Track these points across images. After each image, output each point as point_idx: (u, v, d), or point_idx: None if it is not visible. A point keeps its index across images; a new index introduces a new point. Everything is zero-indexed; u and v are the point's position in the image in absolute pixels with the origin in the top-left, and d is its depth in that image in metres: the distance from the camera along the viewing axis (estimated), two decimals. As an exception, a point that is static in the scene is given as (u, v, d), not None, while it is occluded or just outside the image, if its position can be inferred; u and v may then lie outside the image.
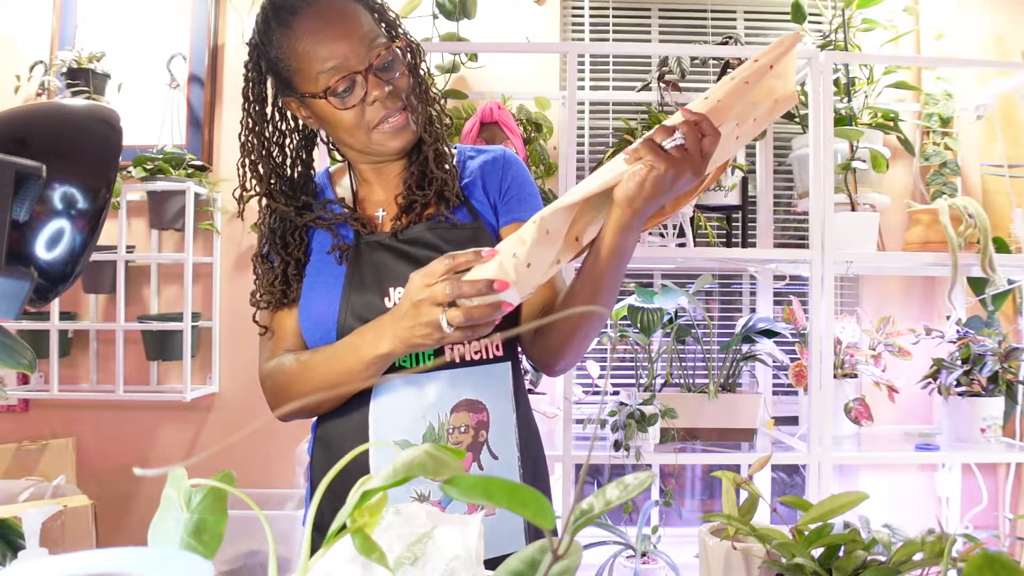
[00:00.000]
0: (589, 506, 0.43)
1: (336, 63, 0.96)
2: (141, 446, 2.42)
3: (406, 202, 1.05)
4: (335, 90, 0.97)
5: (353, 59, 0.96)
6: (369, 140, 1.01)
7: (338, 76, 0.96)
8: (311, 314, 1.04)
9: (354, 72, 0.96)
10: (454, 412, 1.00)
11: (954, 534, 0.65)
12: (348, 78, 0.96)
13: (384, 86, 0.97)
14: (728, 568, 0.76)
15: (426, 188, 1.05)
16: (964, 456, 2.13)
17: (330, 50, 0.96)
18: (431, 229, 1.04)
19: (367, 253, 1.04)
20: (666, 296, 2.04)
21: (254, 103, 1.06)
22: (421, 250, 1.03)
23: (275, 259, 1.06)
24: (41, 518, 1.05)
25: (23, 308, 0.59)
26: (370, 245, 1.04)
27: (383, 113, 0.99)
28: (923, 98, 2.45)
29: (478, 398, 1.01)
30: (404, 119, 1.01)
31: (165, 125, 2.39)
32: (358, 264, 1.03)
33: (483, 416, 1.01)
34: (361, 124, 0.99)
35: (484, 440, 1.01)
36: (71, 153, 0.62)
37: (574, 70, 2.02)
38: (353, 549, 0.50)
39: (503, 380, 1.04)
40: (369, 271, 1.03)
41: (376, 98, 0.97)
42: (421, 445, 0.49)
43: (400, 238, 1.04)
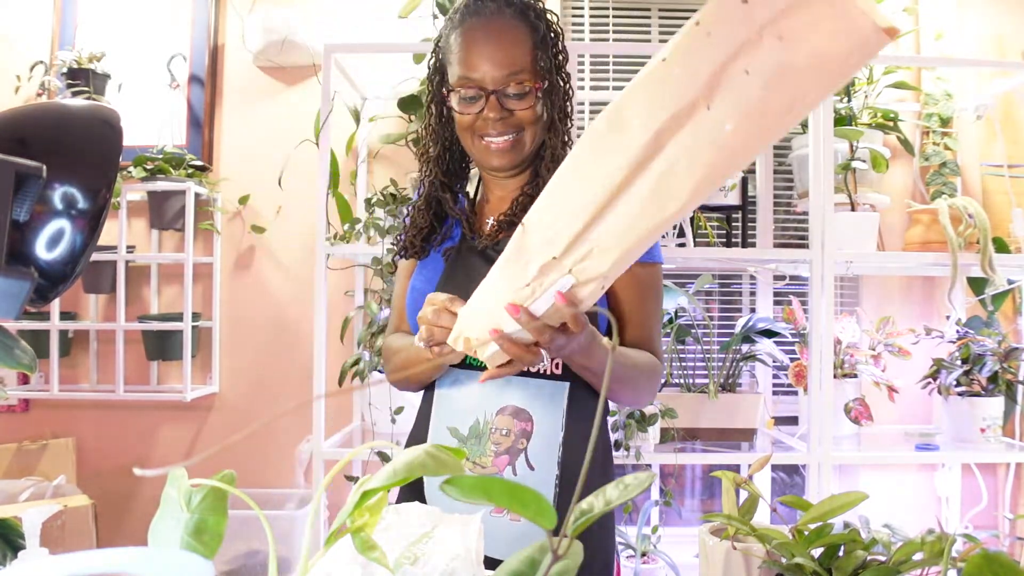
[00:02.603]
0: (589, 506, 0.43)
1: (474, 75, 1.06)
2: (141, 446, 2.42)
3: (507, 219, 1.12)
4: (462, 94, 1.07)
5: (488, 79, 1.06)
6: (473, 145, 1.11)
7: (468, 84, 1.06)
8: (411, 299, 1.16)
9: (481, 88, 1.06)
10: (499, 415, 1.06)
11: (954, 534, 0.65)
12: (475, 90, 1.06)
13: (502, 111, 1.06)
14: (728, 568, 0.76)
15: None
16: (964, 456, 2.13)
17: (475, 62, 1.06)
18: None
19: (466, 255, 1.13)
20: (666, 296, 2.04)
21: (434, 75, 1.15)
22: None
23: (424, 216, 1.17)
24: (41, 518, 1.05)
25: (23, 308, 0.59)
26: (469, 249, 1.13)
27: (489, 130, 1.07)
28: (923, 98, 2.45)
29: (526, 408, 1.06)
30: (509, 144, 1.08)
31: (165, 125, 2.39)
32: (456, 263, 1.13)
33: (527, 426, 1.05)
34: (470, 128, 1.09)
35: (523, 448, 1.05)
36: (71, 153, 0.62)
37: (574, 70, 2.02)
38: (353, 549, 0.50)
39: (556, 398, 1.07)
40: (462, 272, 1.11)
41: (489, 118, 1.07)
42: (423, 446, 0.49)
43: (495, 248, 1.10)
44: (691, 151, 0.64)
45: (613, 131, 0.68)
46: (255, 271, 2.44)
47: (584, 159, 0.70)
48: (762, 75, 0.60)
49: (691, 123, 0.64)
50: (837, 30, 0.56)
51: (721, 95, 0.62)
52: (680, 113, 0.64)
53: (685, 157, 0.65)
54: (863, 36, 0.55)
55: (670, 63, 0.63)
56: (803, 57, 0.58)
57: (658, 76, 0.64)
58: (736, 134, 0.62)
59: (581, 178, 0.70)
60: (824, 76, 0.59)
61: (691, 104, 0.63)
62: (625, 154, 0.67)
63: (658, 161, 0.66)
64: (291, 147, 2.25)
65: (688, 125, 0.64)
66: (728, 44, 0.60)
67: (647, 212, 0.68)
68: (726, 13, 0.60)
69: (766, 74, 0.60)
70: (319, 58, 2.19)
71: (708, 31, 0.61)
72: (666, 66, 0.64)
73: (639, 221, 0.69)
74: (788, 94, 0.60)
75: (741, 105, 0.61)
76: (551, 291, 0.76)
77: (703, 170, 0.65)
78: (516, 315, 0.78)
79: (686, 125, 0.64)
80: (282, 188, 2.27)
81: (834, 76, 0.59)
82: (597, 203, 0.69)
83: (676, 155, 0.65)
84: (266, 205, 2.44)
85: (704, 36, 0.61)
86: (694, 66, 0.62)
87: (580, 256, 0.73)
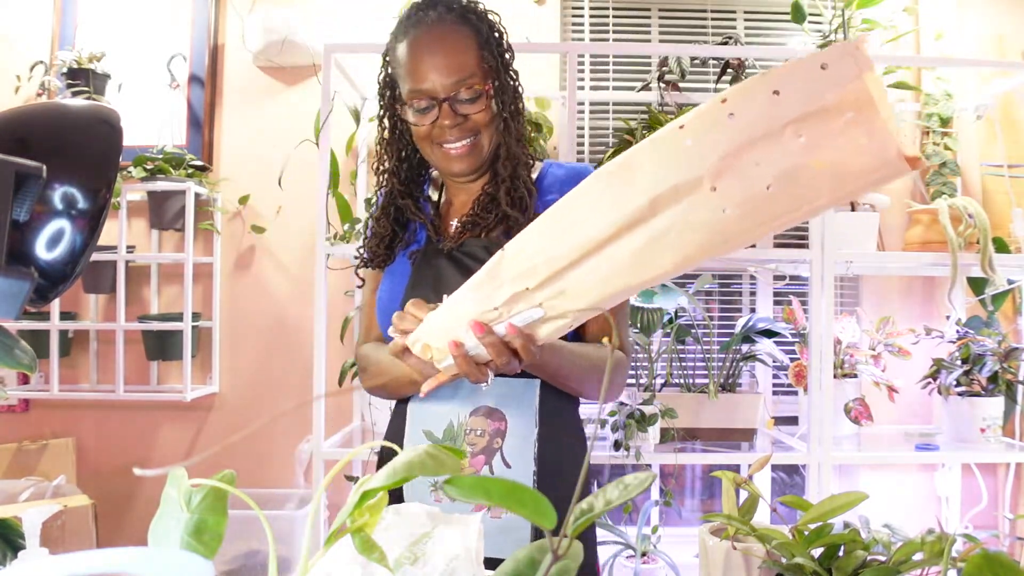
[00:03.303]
0: (589, 506, 0.43)
1: (422, 86, 1.07)
2: (141, 446, 2.42)
3: (469, 220, 1.14)
4: (415, 106, 1.08)
5: (439, 88, 1.06)
6: (432, 154, 1.12)
7: (420, 96, 1.07)
8: (381, 304, 1.17)
9: (433, 97, 1.07)
10: (472, 416, 1.07)
11: (954, 534, 0.65)
12: (427, 100, 1.07)
13: (455, 117, 1.07)
14: (728, 568, 0.76)
15: (491, 213, 1.13)
16: (964, 456, 2.13)
17: (422, 74, 1.07)
18: (486, 246, 1.12)
19: (431, 258, 1.14)
20: (666, 296, 2.04)
21: (385, 89, 1.16)
22: (475, 263, 1.10)
23: (385, 225, 1.18)
24: (41, 518, 1.05)
25: (23, 308, 0.59)
26: (435, 251, 1.14)
27: (447, 136, 1.09)
28: (923, 98, 2.45)
29: (499, 408, 1.07)
30: (468, 148, 1.10)
31: (165, 125, 2.39)
32: (422, 266, 1.14)
33: (501, 425, 1.07)
34: (428, 137, 1.10)
35: (499, 447, 1.06)
36: (71, 153, 0.62)
37: (574, 70, 2.02)
38: (353, 549, 0.50)
39: (528, 396, 1.08)
40: (429, 275, 1.13)
41: (445, 126, 1.07)
42: (423, 445, 0.49)
43: (460, 250, 1.13)
44: (684, 226, 0.64)
45: (615, 184, 0.67)
46: (255, 271, 2.44)
47: (581, 203, 0.71)
48: (775, 170, 0.59)
49: (691, 199, 0.63)
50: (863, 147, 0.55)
51: (728, 179, 0.60)
52: (682, 186, 0.63)
53: (676, 230, 0.64)
54: (886, 159, 0.55)
55: (686, 133, 0.62)
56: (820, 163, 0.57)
57: (671, 141, 0.63)
58: (733, 221, 0.61)
59: (572, 222, 0.71)
60: (837, 186, 0.58)
61: (696, 180, 0.62)
62: (619, 210, 0.67)
63: (649, 226, 0.65)
64: (291, 147, 2.25)
65: (687, 200, 0.63)
66: (748, 131, 0.59)
67: (626, 271, 0.68)
68: (754, 100, 0.59)
69: (779, 170, 0.59)
70: (319, 58, 2.19)
71: (732, 111, 0.60)
72: (682, 134, 0.62)
73: (616, 277, 0.69)
74: (796, 195, 0.59)
75: (745, 194, 0.60)
76: (517, 319, 0.77)
77: (691, 248, 0.64)
78: (479, 334, 0.80)
79: (685, 199, 0.63)
80: (282, 188, 2.26)
81: (847, 189, 0.58)
82: (581, 250, 0.70)
83: (668, 226, 0.64)
84: (266, 205, 2.44)
85: (726, 116, 0.60)
86: (709, 143, 0.61)
87: (553, 294, 0.73)
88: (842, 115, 0.56)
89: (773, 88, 0.58)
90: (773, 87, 0.58)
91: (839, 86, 0.56)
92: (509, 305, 0.77)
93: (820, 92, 0.56)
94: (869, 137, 0.55)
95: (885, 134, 0.55)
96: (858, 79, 0.55)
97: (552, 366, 1.02)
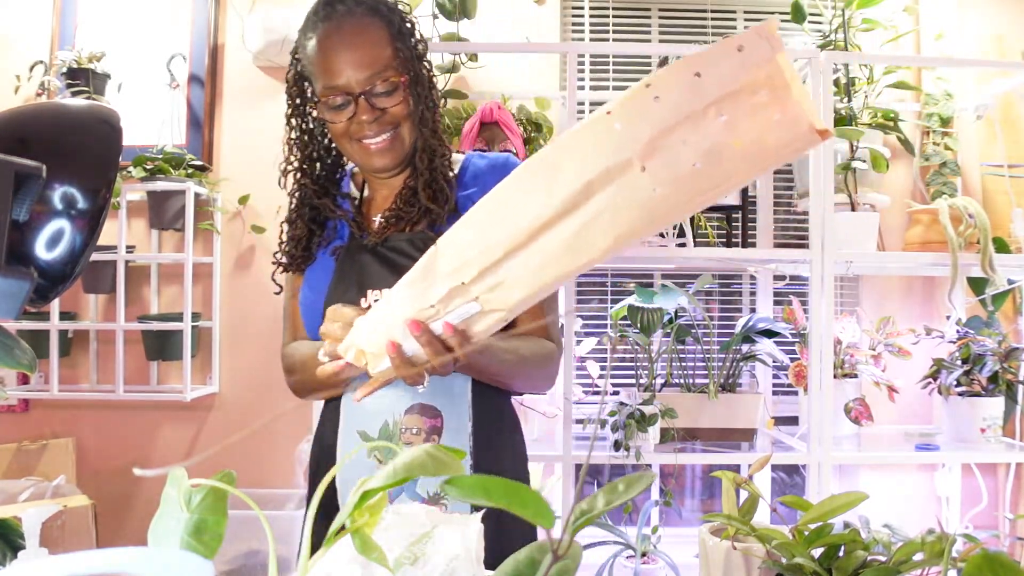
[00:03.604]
0: (589, 506, 0.43)
1: (337, 82, 1.04)
2: (141, 446, 2.42)
3: (392, 215, 1.12)
4: (330, 103, 1.06)
5: (354, 83, 1.04)
6: (352, 150, 1.10)
7: (335, 93, 1.05)
8: (305, 303, 1.15)
9: (348, 93, 1.04)
10: (407, 414, 1.06)
11: (954, 534, 0.65)
12: (343, 96, 1.05)
13: (373, 112, 1.05)
14: (728, 568, 0.76)
15: (413, 207, 1.11)
16: (964, 456, 2.13)
17: (336, 69, 1.04)
18: (411, 240, 1.10)
19: (355, 254, 1.12)
20: (666, 296, 2.04)
21: (293, 86, 1.13)
22: (400, 258, 1.09)
23: (300, 226, 1.16)
24: (41, 518, 1.05)
25: (23, 308, 0.59)
26: (359, 247, 1.12)
27: (366, 132, 1.06)
28: (923, 98, 2.45)
29: (434, 404, 1.06)
30: (388, 143, 1.08)
31: (165, 125, 2.39)
32: (346, 262, 1.12)
33: (437, 422, 1.06)
34: (346, 134, 1.08)
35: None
36: (71, 153, 0.62)
37: (574, 70, 2.02)
38: (353, 549, 0.50)
39: (461, 390, 1.07)
40: (354, 271, 1.11)
41: (363, 121, 1.05)
42: (423, 446, 0.49)
43: (385, 245, 1.11)
44: (616, 207, 0.65)
45: (545, 172, 0.68)
46: (255, 271, 2.44)
47: (511, 194, 0.71)
48: (700, 148, 0.62)
49: (621, 180, 0.64)
50: (778, 122, 0.59)
51: (656, 159, 0.63)
52: (613, 168, 0.64)
53: (609, 212, 0.65)
54: (799, 133, 0.59)
55: (614, 117, 0.64)
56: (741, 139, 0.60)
57: (600, 127, 0.65)
58: (662, 199, 0.64)
59: (504, 212, 0.70)
60: (757, 160, 0.62)
61: (627, 162, 0.64)
62: (552, 197, 0.67)
63: (582, 211, 0.66)
64: (291, 147, 2.25)
65: (618, 181, 0.65)
66: (674, 112, 0.62)
67: (562, 257, 0.68)
68: (678, 83, 0.62)
69: (704, 148, 0.61)
70: (319, 58, 2.19)
71: (657, 95, 0.62)
72: (610, 119, 0.64)
73: (552, 264, 0.69)
74: (720, 171, 0.62)
75: (674, 173, 0.63)
76: (453, 315, 0.76)
77: (624, 227, 0.66)
78: (416, 332, 0.78)
79: (616, 180, 0.65)
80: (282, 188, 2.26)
81: (765, 162, 0.62)
82: (515, 240, 0.69)
83: (600, 208, 0.66)
84: (266, 205, 2.44)
85: (652, 99, 0.63)
86: (637, 126, 0.63)
87: (489, 287, 0.73)
88: (758, 94, 0.60)
89: (695, 71, 0.61)
90: (694, 70, 0.61)
91: (755, 67, 0.60)
92: (445, 301, 0.75)
93: (737, 73, 0.60)
94: (783, 113, 0.59)
95: (797, 110, 0.58)
96: (771, 60, 0.59)
97: (480, 364, 1.00)
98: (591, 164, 0.65)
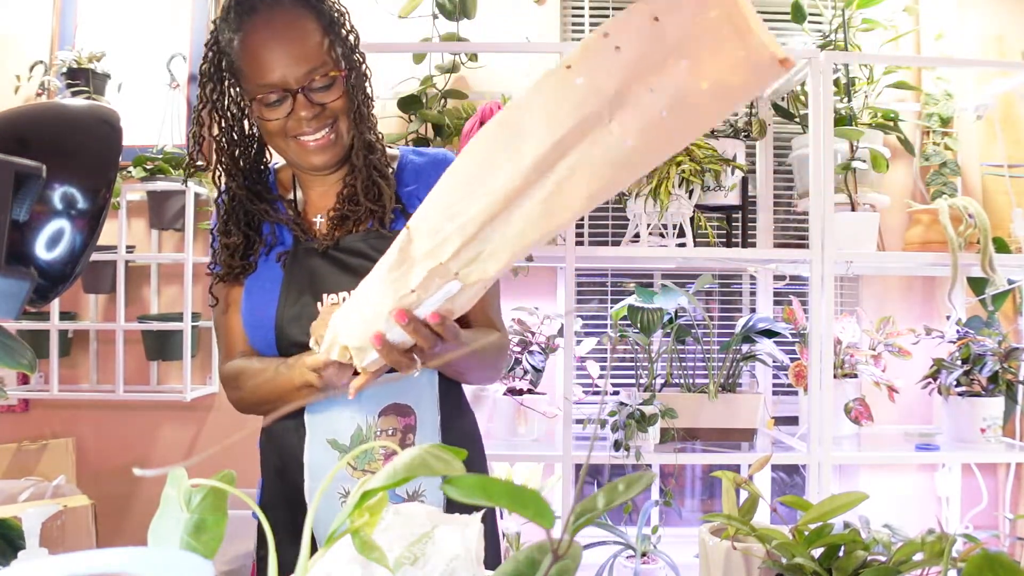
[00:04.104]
0: (589, 506, 0.43)
1: (272, 79, 0.99)
2: (141, 446, 2.42)
3: (338, 215, 1.08)
4: (265, 100, 1.00)
5: (290, 79, 0.99)
6: (288, 149, 1.04)
7: (270, 90, 0.99)
8: (252, 314, 1.08)
9: (285, 90, 0.99)
10: (382, 415, 1.03)
11: (954, 534, 0.65)
12: (279, 92, 0.99)
13: (313, 108, 1.00)
14: (728, 568, 0.76)
15: (359, 206, 1.07)
16: (964, 456, 2.13)
17: (270, 65, 0.98)
18: (364, 239, 1.07)
19: (304, 259, 1.07)
20: (666, 296, 2.04)
21: (209, 81, 1.06)
22: (354, 259, 1.06)
23: (235, 233, 1.09)
24: (41, 518, 1.05)
25: (23, 308, 0.59)
26: (307, 251, 1.08)
27: (304, 129, 1.01)
28: (923, 98, 2.45)
29: (406, 402, 1.05)
30: (327, 140, 1.03)
31: (165, 125, 2.39)
32: (295, 268, 1.07)
33: (410, 420, 1.05)
34: (282, 132, 1.02)
35: (411, 443, 1.05)
36: (71, 153, 0.62)
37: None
38: (353, 549, 0.50)
39: (430, 387, 1.07)
40: (305, 276, 1.06)
41: (302, 117, 1.00)
42: (423, 446, 0.49)
43: (337, 248, 1.07)
44: (590, 163, 0.64)
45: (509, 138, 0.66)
46: (255, 271, 2.44)
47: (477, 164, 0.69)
48: (666, 95, 0.60)
49: (592, 136, 0.63)
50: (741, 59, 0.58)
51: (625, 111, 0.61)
52: (582, 124, 0.63)
53: (582, 168, 0.64)
54: (763, 66, 0.58)
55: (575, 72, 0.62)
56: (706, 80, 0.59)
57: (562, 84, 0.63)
58: (636, 150, 0.63)
59: (474, 185, 0.69)
60: (723, 100, 0.61)
61: (595, 116, 0.62)
62: (521, 161, 0.65)
63: (555, 171, 0.65)
64: (291, 147, 2.25)
65: (589, 137, 0.63)
66: (636, 61, 0.60)
67: (539, 220, 0.67)
68: (637, 30, 0.60)
69: (670, 94, 0.60)
70: (319, 58, 2.19)
71: (617, 45, 0.60)
72: (570, 74, 0.62)
73: (531, 229, 0.68)
74: (689, 116, 0.61)
75: (644, 123, 0.61)
76: (435, 297, 0.75)
77: (599, 182, 0.65)
78: (403, 321, 0.77)
79: (587, 137, 0.63)
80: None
81: (732, 100, 0.62)
82: (491, 210, 0.68)
83: (573, 166, 0.64)
84: (266, 205, 2.44)
85: (612, 50, 0.61)
86: (600, 79, 0.61)
87: (468, 260, 0.72)
88: (719, 32, 0.58)
89: (652, 15, 0.59)
90: (652, 14, 0.59)
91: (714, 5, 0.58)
92: (425, 285, 0.74)
93: (696, 13, 0.58)
94: (746, 51, 0.57)
95: (759, 43, 0.57)
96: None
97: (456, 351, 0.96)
98: (557, 123, 0.63)
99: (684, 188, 2.08)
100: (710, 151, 2.07)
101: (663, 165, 2.03)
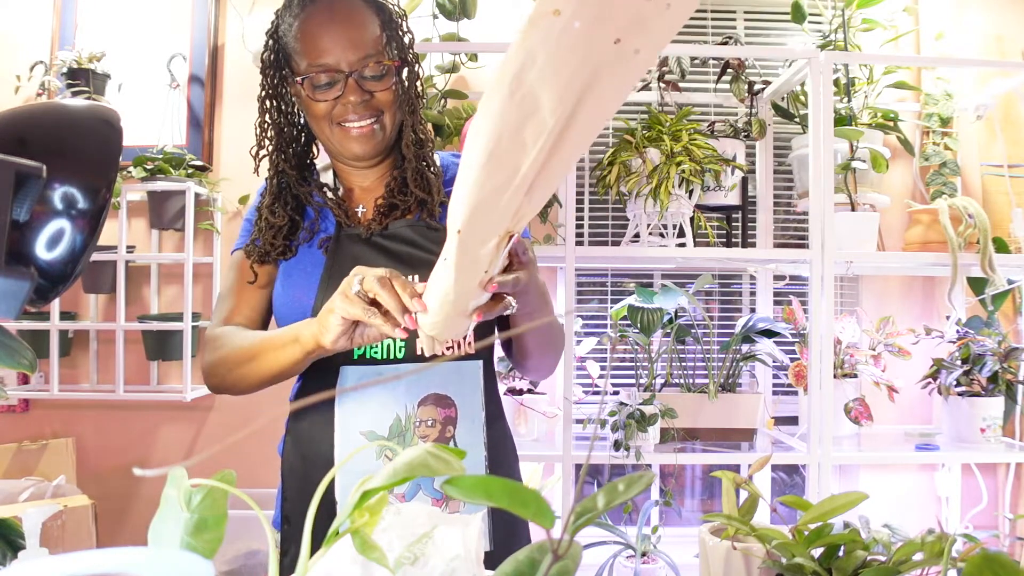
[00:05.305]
0: (589, 506, 0.43)
1: (326, 60, 1.01)
2: (141, 446, 2.42)
3: (386, 204, 1.08)
4: (316, 81, 1.01)
5: (343, 62, 1.01)
6: (331, 134, 1.05)
7: (323, 69, 1.01)
8: (289, 298, 1.06)
9: (337, 71, 1.01)
10: (421, 405, 1.01)
11: (954, 534, 0.65)
12: (330, 75, 1.01)
13: (361, 94, 1.01)
14: (728, 568, 0.76)
15: (408, 196, 1.08)
16: (964, 456, 2.13)
17: (326, 46, 1.00)
18: (411, 226, 1.07)
19: (347, 245, 1.07)
20: (666, 296, 2.04)
21: (269, 68, 1.09)
22: (400, 245, 1.06)
23: (281, 214, 1.09)
24: (41, 518, 1.05)
25: (23, 308, 0.59)
26: (350, 238, 1.07)
27: (350, 115, 1.02)
28: (923, 98, 2.45)
29: (447, 393, 1.02)
30: (370, 130, 1.04)
31: (165, 125, 2.39)
32: (338, 255, 1.06)
33: (451, 412, 1.03)
34: (327, 116, 1.03)
35: (451, 436, 1.02)
36: (71, 153, 0.62)
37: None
38: (353, 549, 0.50)
39: (474, 377, 1.05)
40: (348, 262, 1.04)
41: (350, 102, 1.01)
42: (424, 445, 0.49)
43: (383, 235, 1.07)
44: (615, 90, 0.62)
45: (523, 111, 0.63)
46: (255, 271, 2.44)
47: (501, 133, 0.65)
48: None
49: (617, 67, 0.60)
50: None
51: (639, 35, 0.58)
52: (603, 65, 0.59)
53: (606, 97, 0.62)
54: None
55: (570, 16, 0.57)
56: None
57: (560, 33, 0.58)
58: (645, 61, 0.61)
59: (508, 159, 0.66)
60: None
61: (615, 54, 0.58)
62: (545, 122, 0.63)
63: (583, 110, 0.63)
64: (291, 147, 2.25)
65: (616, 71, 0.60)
66: None
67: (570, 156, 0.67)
68: None
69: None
70: (319, 58, 2.19)
71: None
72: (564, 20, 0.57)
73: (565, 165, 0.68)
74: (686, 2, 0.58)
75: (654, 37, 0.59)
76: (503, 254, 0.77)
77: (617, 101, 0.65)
78: (494, 289, 0.78)
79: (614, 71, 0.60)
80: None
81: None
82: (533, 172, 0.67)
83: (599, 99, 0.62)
84: (266, 205, 2.44)
85: None
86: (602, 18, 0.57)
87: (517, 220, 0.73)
88: None
89: None
90: None
91: None
92: (492, 261, 0.76)
93: None
94: None
95: None
96: None
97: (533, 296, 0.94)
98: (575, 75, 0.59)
99: (684, 188, 2.08)
100: (710, 151, 2.08)
101: (663, 165, 2.04)
